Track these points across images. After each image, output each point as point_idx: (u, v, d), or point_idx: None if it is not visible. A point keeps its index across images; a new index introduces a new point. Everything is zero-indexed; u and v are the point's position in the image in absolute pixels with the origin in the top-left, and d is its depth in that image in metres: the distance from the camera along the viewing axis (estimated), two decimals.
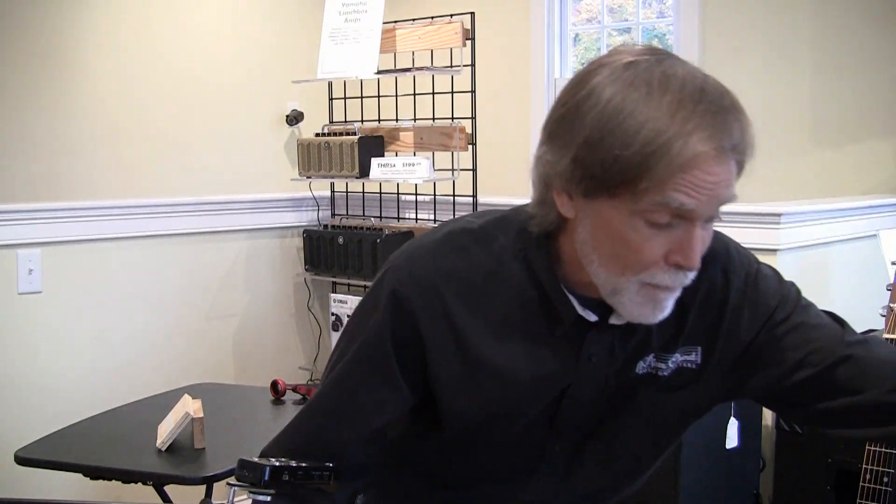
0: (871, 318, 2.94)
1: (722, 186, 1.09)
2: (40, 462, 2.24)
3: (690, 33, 3.51)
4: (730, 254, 1.30)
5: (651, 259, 1.10)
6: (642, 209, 1.07)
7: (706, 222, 1.12)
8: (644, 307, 1.13)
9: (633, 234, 1.09)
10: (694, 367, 1.26)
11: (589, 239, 1.14)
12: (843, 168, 3.23)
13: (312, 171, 3.62)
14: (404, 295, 1.20)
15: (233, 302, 3.81)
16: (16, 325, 3.20)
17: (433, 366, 1.22)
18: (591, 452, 1.31)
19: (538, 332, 1.22)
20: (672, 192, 1.05)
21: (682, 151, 1.04)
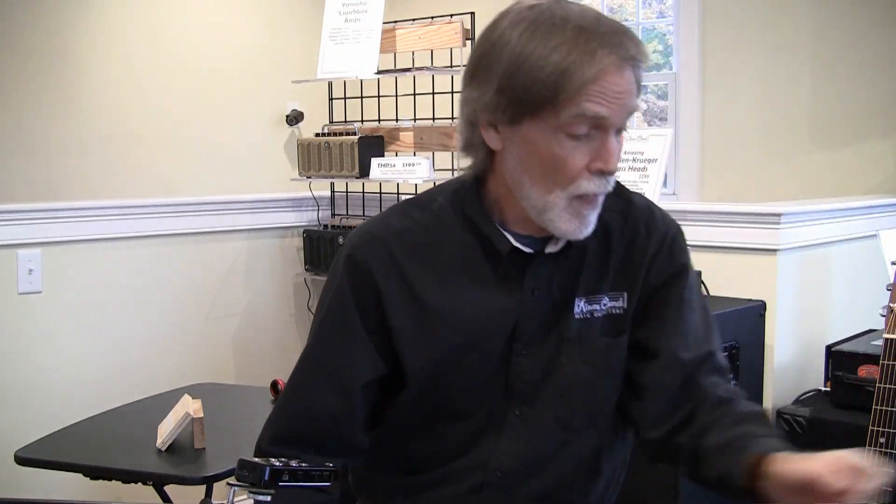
0: (871, 318, 2.94)
1: (627, 96, 1.23)
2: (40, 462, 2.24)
3: (690, 33, 3.51)
4: (653, 213, 1.43)
5: (575, 169, 1.24)
6: (563, 124, 1.21)
7: (617, 133, 1.26)
8: (571, 222, 1.26)
9: (557, 149, 1.23)
10: (621, 311, 1.38)
11: (518, 164, 1.27)
12: (843, 168, 3.23)
13: (312, 171, 3.62)
14: (359, 257, 1.34)
15: (233, 302, 3.81)
16: (16, 325, 3.19)
17: (391, 318, 1.33)
18: (547, 410, 1.37)
19: (483, 274, 1.34)
20: (586, 104, 1.20)
21: (591, 65, 1.19)
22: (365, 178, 3.49)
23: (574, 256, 1.36)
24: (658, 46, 3.85)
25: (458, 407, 1.38)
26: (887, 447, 1.35)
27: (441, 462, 1.40)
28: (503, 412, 1.37)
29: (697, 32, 3.49)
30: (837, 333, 2.80)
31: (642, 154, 2.71)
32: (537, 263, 1.34)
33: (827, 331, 2.83)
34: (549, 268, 1.35)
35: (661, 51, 3.82)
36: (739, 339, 2.45)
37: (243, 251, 3.85)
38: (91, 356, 3.38)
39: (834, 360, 2.56)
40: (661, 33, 3.82)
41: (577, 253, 1.36)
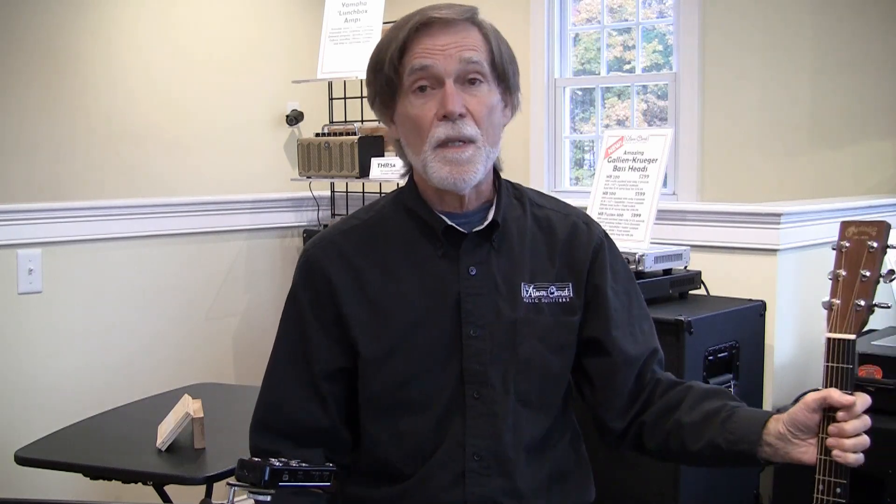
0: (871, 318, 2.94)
1: (453, 47, 1.41)
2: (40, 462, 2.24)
3: (690, 33, 3.51)
4: (588, 216, 1.61)
5: (427, 120, 1.41)
6: (408, 85, 1.42)
7: (469, 84, 1.42)
8: (443, 169, 1.40)
9: (411, 109, 1.42)
10: (568, 300, 1.51)
11: (402, 139, 1.47)
12: (843, 168, 3.23)
13: (312, 171, 3.62)
14: (313, 257, 1.51)
15: (233, 302, 3.81)
16: (16, 325, 3.19)
17: (344, 308, 1.46)
18: (507, 387, 1.45)
19: (424, 257, 1.47)
20: (414, 60, 1.41)
21: (409, 29, 1.42)
22: (365, 178, 3.49)
23: (515, 243, 1.50)
24: (658, 46, 3.85)
25: (417, 395, 1.44)
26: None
27: (418, 460, 1.45)
28: (461, 396, 1.44)
29: (697, 32, 3.49)
30: None
31: (642, 154, 2.71)
32: (470, 241, 1.47)
33: None
34: (486, 250, 1.48)
35: (661, 51, 3.82)
36: (739, 339, 2.45)
37: (243, 251, 3.85)
38: (91, 356, 3.38)
39: None
40: (661, 33, 3.82)
41: (519, 240, 1.50)
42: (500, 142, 1.49)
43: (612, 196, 2.73)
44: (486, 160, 1.44)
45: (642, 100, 3.88)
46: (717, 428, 1.41)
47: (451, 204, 1.49)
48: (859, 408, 1.34)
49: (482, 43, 1.45)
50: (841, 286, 1.33)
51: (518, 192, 1.58)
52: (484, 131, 1.42)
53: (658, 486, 2.37)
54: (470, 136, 1.41)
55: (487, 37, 1.47)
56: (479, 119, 1.42)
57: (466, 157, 1.41)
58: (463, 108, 1.40)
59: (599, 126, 3.91)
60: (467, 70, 1.42)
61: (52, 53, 3.33)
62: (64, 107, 3.37)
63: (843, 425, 1.31)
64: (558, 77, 3.92)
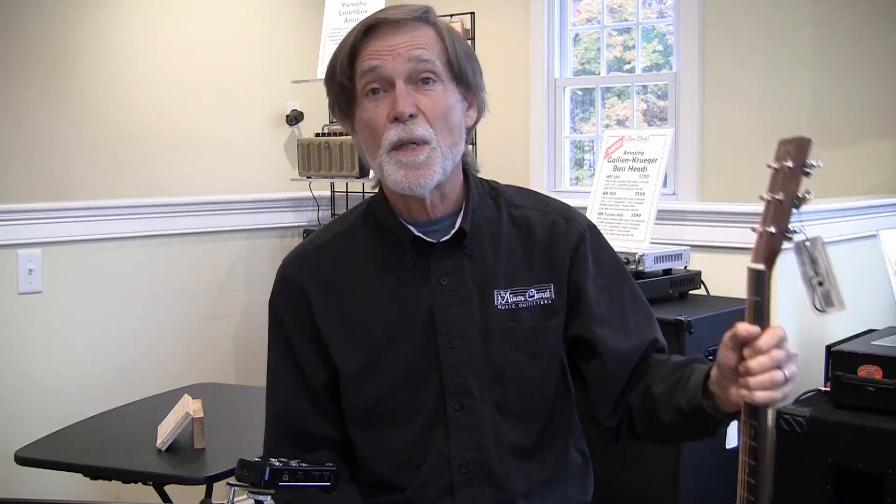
0: (871, 318, 2.94)
1: (402, 47, 1.37)
2: (40, 462, 2.24)
3: (690, 33, 3.51)
4: (569, 209, 1.54)
5: (379, 122, 1.38)
6: (361, 88, 1.40)
7: (422, 84, 1.38)
8: (398, 172, 1.37)
9: (365, 113, 1.40)
10: (549, 302, 1.46)
11: (363, 145, 1.44)
12: (843, 168, 3.23)
13: (312, 171, 3.62)
14: (288, 272, 1.49)
15: (233, 302, 3.81)
16: (16, 325, 3.19)
17: (319, 323, 1.45)
18: (485, 397, 1.42)
19: (396, 269, 1.45)
20: (364, 63, 1.38)
21: (358, 33, 1.40)
22: (365, 178, 3.49)
23: (487, 247, 1.46)
24: (658, 46, 3.84)
25: (398, 409, 1.43)
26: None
27: (408, 473, 1.43)
28: (442, 408, 1.42)
29: (697, 32, 3.49)
30: (837, 333, 2.80)
31: (642, 154, 2.71)
32: (439, 251, 1.44)
33: (827, 331, 2.83)
34: (457, 258, 1.44)
35: (661, 51, 3.82)
36: None
37: (243, 251, 3.85)
38: (91, 356, 3.38)
39: (834, 360, 2.56)
40: (661, 33, 3.82)
41: (492, 243, 1.46)
42: (462, 142, 1.44)
43: (612, 196, 2.72)
44: (444, 161, 1.39)
45: (642, 100, 3.88)
46: (679, 392, 1.36)
47: (417, 211, 1.45)
48: (763, 341, 1.22)
49: (435, 41, 1.41)
50: (763, 212, 1.28)
51: (495, 191, 1.53)
52: (438, 131, 1.38)
53: (658, 486, 2.37)
54: (422, 136, 1.36)
55: (441, 35, 1.42)
56: (432, 119, 1.37)
57: (421, 159, 1.36)
58: (414, 108, 1.36)
59: (599, 126, 3.91)
60: (418, 69, 1.38)
61: (53, 54, 3.33)
62: (64, 107, 3.37)
63: (748, 362, 1.21)
64: (558, 77, 3.92)
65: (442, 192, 1.44)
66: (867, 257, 2.90)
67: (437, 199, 1.45)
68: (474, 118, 1.49)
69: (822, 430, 2.47)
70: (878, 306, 2.98)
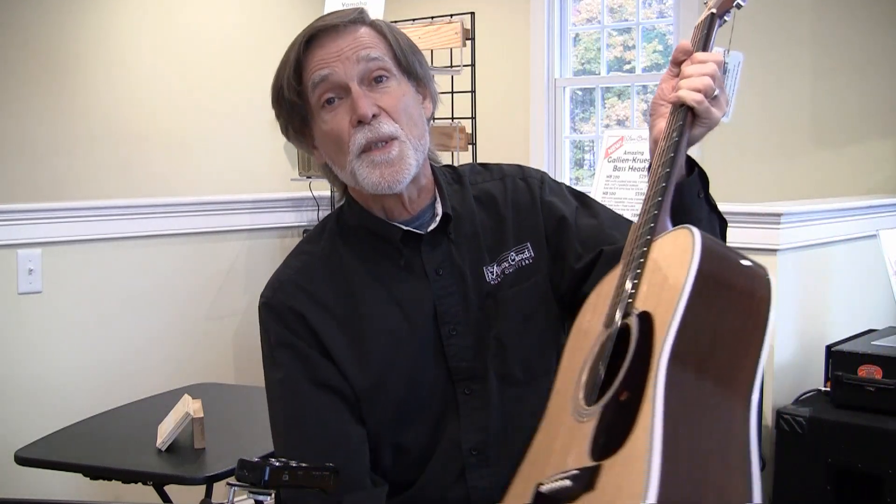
0: (871, 318, 2.94)
1: (349, 50, 1.35)
2: (40, 462, 2.24)
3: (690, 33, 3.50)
4: (521, 167, 1.55)
5: (343, 130, 1.35)
6: (315, 101, 1.36)
7: (376, 83, 1.36)
8: (373, 173, 1.34)
9: (325, 125, 1.36)
10: (531, 261, 1.46)
11: (328, 159, 1.41)
12: (843, 168, 3.23)
13: (312, 171, 3.62)
14: (274, 302, 1.41)
15: (233, 302, 3.81)
16: (16, 325, 3.19)
17: (325, 340, 1.39)
18: (491, 374, 1.41)
19: (389, 272, 1.42)
20: (313, 74, 1.36)
21: (300, 47, 1.37)
22: None
23: (467, 229, 1.45)
24: (658, 46, 3.85)
25: (414, 408, 1.40)
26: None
27: (418, 467, 1.42)
28: (453, 395, 1.41)
29: None
30: (837, 333, 2.80)
31: (642, 154, 2.71)
32: (427, 243, 1.42)
33: (827, 331, 2.83)
34: (445, 246, 1.43)
35: (661, 51, 3.82)
36: None
37: (243, 251, 3.85)
38: (91, 356, 3.38)
39: (834, 360, 2.56)
40: (661, 33, 3.82)
41: (469, 225, 1.46)
42: (426, 134, 1.42)
43: (613, 196, 2.73)
44: (417, 154, 1.37)
45: (642, 100, 3.88)
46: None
47: (396, 210, 1.42)
48: (701, 55, 1.43)
49: (378, 39, 1.39)
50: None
51: (456, 174, 1.52)
52: (403, 125, 1.36)
53: None
54: (389, 133, 1.35)
55: (382, 32, 1.40)
56: (395, 115, 1.36)
57: (394, 155, 1.35)
58: (375, 107, 1.34)
59: (599, 126, 3.91)
60: (370, 68, 1.36)
61: (53, 54, 3.33)
62: (64, 107, 3.37)
63: (684, 67, 1.40)
64: (558, 77, 3.92)
65: (418, 185, 1.43)
66: (867, 257, 2.90)
67: (414, 193, 1.43)
68: (431, 109, 1.47)
69: (822, 430, 2.48)
70: (878, 306, 2.98)
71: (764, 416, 2.66)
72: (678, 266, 1.12)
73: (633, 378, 1.07)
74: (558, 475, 1.09)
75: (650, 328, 1.10)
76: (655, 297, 1.13)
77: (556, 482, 1.08)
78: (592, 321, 1.26)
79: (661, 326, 1.07)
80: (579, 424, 1.13)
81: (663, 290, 1.12)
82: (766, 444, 2.66)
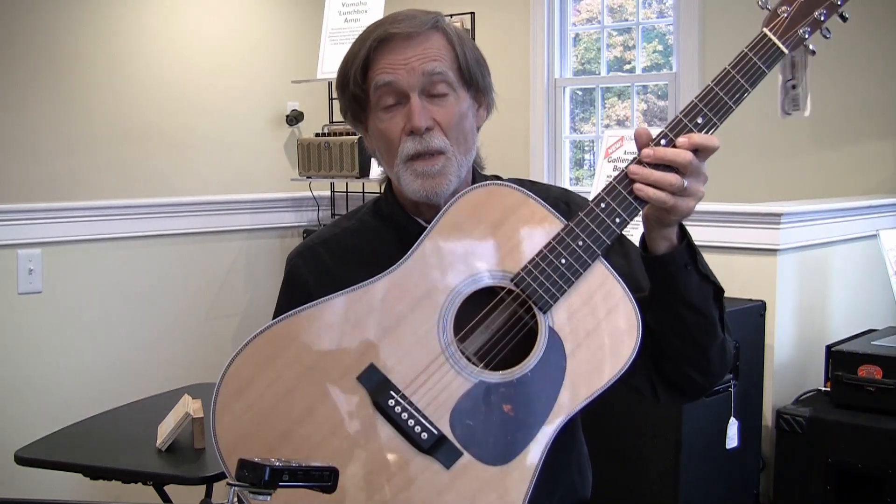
0: (871, 318, 2.94)
1: (416, 60, 1.40)
2: (40, 462, 2.24)
3: (690, 33, 3.51)
4: (567, 191, 1.57)
5: (395, 135, 1.40)
6: (375, 101, 1.42)
7: (435, 98, 1.41)
8: (415, 182, 1.40)
9: (380, 124, 1.42)
10: None
11: (377, 152, 1.48)
12: (843, 168, 3.23)
13: (312, 171, 3.62)
14: (295, 263, 1.53)
15: (233, 302, 3.81)
16: (16, 325, 3.20)
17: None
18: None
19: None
20: (377, 77, 1.41)
21: (370, 46, 1.42)
22: (365, 178, 3.49)
23: None
24: (658, 46, 3.85)
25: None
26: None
27: None
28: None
29: (697, 32, 3.49)
30: (837, 333, 2.80)
31: None
32: None
33: (827, 331, 2.83)
34: None
35: (661, 51, 3.82)
36: (739, 338, 2.45)
37: (243, 251, 3.85)
38: (91, 356, 3.38)
39: (834, 360, 2.56)
40: (661, 33, 3.82)
41: None
42: (474, 147, 1.47)
43: None
44: (459, 169, 1.42)
45: (642, 100, 3.88)
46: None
47: (430, 214, 1.45)
48: (666, 152, 1.28)
49: (446, 50, 1.43)
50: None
51: None
52: (454, 141, 1.41)
53: (658, 486, 2.37)
54: (438, 148, 1.39)
55: (451, 42, 1.44)
56: (447, 129, 1.41)
57: (437, 169, 1.40)
58: (430, 120, 1.39)
59: (599, 126, 3.91)
60: (432, 82, 1.40)
61: (53, 54, 3.33)
62: (64, 107, 3.37)
63: (644, 158, 1.28)
64: (558, 77, 3.92)
65: (456, 193, 1.44)
66: (867, 257, 2.90)
67: (450, 199, 1.45)
68: (485, 117, 1.52)
69: (822, 430, 2.48)
70: (878, 306, 2.98)
71: (764, 416, 2.66)
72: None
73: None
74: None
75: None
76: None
77: None
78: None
79: None
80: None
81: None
82: (767, 444, 2.67)
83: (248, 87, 3.88)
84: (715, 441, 2.43)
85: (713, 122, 1.33)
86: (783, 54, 1.35)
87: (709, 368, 1.41)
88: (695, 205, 1.30)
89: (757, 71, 1.34)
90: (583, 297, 1.29)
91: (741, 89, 1.35)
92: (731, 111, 1.34)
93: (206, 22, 3.76)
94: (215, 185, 3.78)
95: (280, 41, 3.98)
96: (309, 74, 3.70)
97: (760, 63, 1.34)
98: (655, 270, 1.35)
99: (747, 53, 1.33)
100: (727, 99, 1.35)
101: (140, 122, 3.57)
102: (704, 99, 1.33)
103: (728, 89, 1.34)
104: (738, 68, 1.34)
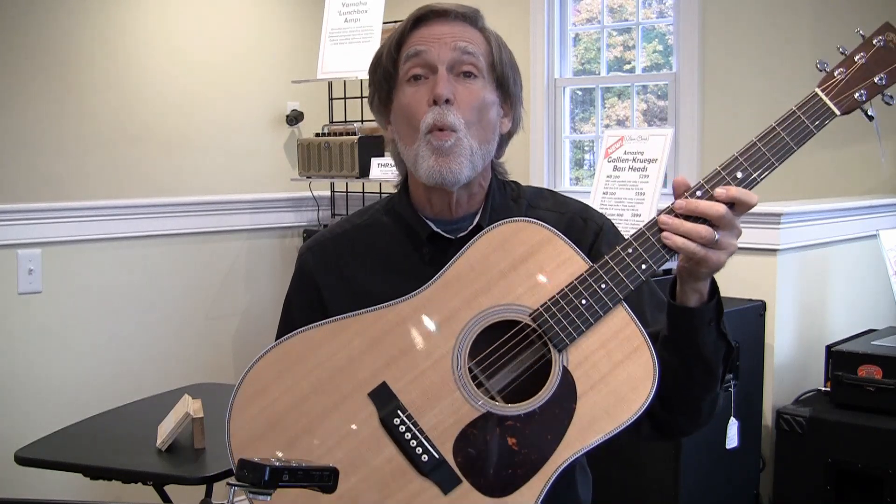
0: (871, 318, 2.94)
1: (449, 37, 1.41)
2: (40, 462, 2.24)
3: (690, 33, 3.51)
4: (587, 208, 1.55)
5: (419, 107, 1.39)
6: (403, 73, 1.42)
7: (464, 77, 1.41)
8: (430, 158, 1.37)
9: (405, 98, 1.41)
10: None
11: (397, 135, 1.45)
12: (843, 168, 3.23)
13: (312, 171, 3.62)
14: (304, 259, 1.54)
15: (233, 302, 3.81)
16: (16, 325, 3.20)
17: (329, 306, 1.46)
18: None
19: (411, 262, 1.46)
20: (410, 48, 1.42)
21: (408, 22, 1.44)
22: (365, 178, 3.49)
23: None
24: (658, 46, 3.85)
25: None
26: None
27: None
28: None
29: (697, 32, 3.49)
30: (837, 333, 2.80)
31: (642, 154, 2.71)
32: (455, 247, 1.40)
33: (827, 331, 2.83)
34: None
35: (661, 51, 3.82)
36: (739, 339, 2.45)
37: (243, 251, 3.85)
38: (91, 356, 3.38)
39: (834, 360, 2.56)
40: (661, 33, 3.82)
41: None
42: (493, 143, 1.45)
43: (612, 196, 2.73)
44: (473, 156, 1.39)
45: (642, 100, 3.88)
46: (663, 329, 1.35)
47: (440, 207, 1.45)
48: (700, 205, 1.27)
49: (482, 42, 1.44)
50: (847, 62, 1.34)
51: (516, 192, 1.54)
52: (469, 124, 1.38)
53: (658, 486, 2.37)
54: (451, 123, 1.37)
55: (488, 38, 1.46)
56: (464, 109, 1.39)
57: (449, 145, 1.37)
58: (451, 94, 1.38)
59: (599, 126, 3.91)
60: (462, 60, 1.40)
61: (54, 54, 3.33)
62: (65, 107, 3.37)
63: (677, 209, 1.27)
64: (558, 77, 3.92)
65: (469, 191, 1.45)
66: (867, 257, 2.90)
67: (464, 197, 1.45)
68: (509, 127, 1.50)
69: (822, 430, 2.48)
70: (878, 306, 2.98)
71: (764, 416, 2.66)
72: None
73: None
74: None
75: None
76: None
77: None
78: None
79: None
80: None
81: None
82: (767, 444, 2.67)
83: (248, 87, 3.88)
84: (715, 441, 2.43)
85: (753, 177, 1.32)
86: (834, 115, 1.34)
87: (697, 419, 1.41)
88: (726, 259, 1.27)
89: (805, 130, 1.34)
90: (601, 340, 1.28)
91: (786, 147, 1.33)
92: (773, 168, 1.32)
93: (206, 22, 3.76)
94: (215, 185, 3.79)
95: (280, 41, 3.98)
96: (309, 74, 3.70)
97: (809, 123, 1.34)
98: (679, 320, 1.32)
99: (795, 111, 1.33)
100: (770, 156, 1.34)
101: (140, 121, 3.57)
102: (746, 153, 1.33)
103: (772, 146, 1.34)
104: (785, 126, 1.33)
